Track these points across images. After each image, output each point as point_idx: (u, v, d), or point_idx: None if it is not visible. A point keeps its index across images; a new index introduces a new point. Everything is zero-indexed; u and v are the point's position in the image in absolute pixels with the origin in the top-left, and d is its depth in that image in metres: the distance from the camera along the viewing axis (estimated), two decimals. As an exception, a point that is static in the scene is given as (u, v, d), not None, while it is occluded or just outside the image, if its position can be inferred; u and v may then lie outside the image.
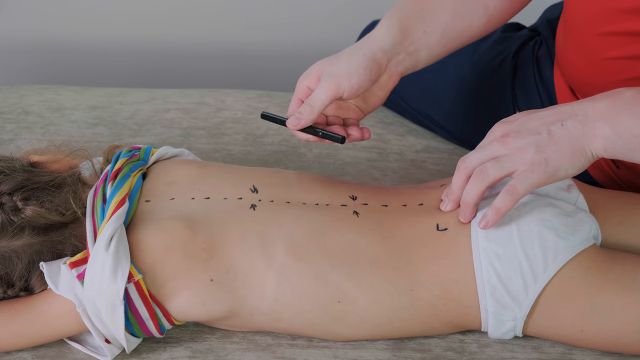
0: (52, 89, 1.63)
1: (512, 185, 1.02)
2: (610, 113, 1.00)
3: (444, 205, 1.10)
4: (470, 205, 1.06)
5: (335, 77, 1.13)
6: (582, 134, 1.01)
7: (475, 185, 1.04)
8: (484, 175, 1.04)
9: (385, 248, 1.07)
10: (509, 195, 1.02)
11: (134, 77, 2.20)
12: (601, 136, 1.00)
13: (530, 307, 1.05)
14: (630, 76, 1.14)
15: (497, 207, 1.03)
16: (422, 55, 1.20)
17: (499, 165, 1.03)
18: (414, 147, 1.50)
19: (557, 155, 1.01)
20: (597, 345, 1.08)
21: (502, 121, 1.06)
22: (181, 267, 1.05)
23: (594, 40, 1.16)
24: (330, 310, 1.06)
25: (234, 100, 1.60)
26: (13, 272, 1.06)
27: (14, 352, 1.09)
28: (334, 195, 1.14)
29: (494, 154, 1.04)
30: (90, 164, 1.18)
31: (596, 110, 1.01)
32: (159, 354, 1.10)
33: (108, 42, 2.20)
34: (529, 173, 1.01)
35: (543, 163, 1.01)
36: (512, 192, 1.02)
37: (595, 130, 1.01)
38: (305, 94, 1.16)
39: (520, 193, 1.02)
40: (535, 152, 1.01)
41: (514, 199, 1.02)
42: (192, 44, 2.21)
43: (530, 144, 1.02)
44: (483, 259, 1.05)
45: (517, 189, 1.02)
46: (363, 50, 1.15)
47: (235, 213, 1.09)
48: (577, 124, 1.01)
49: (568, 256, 1.05)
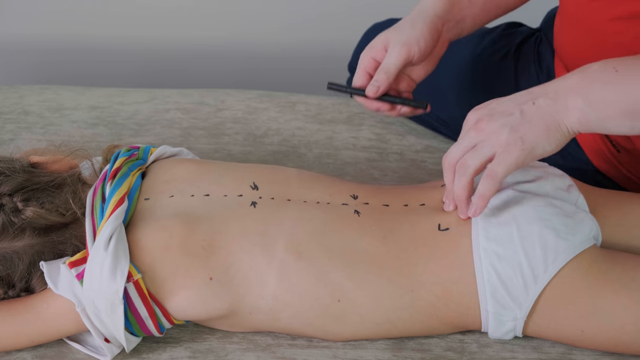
0: (52, 89, 1.63)
1: (491, 169, 1.03)
2: (581, 86, 1.01)
3: (446, 206, 1.11)
4: (462, 201, 1.07)
5: (405, 42, 1.17)
6: (555, 109, 1.02)
7: (460, 179, 1.05)
8: (465, 168, 1.05)
9: (386, 247, 1.07)
10: (489, 179, 1.03)
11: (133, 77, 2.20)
12: (574, 109, 1.01)
13: (531, 308, 1.05)
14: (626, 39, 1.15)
15: (481, 193, 1.04)
16: (467, 24, 1.26)
17: (477, 154, 1.04)
18: (414, 147, 1.50)
19: (532, 133, 1.01)
20: (597, 346, 1.08)
21: (475, 108, 1.07)
22: (180, 266, 1.05)
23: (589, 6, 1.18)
24: (330, 309, 1.06)
25: (234, 100, 1.60)
26: (14, 273, 1.06)
27: (14, 352, 1.09)
28: (335, 193, 1.14)
29: (471, 143, 1.05)
30: (90, 163, 1.18)
31: (566, 85, 1.02)
32: (158, 354, 1.10)
33: (108, 42, 2.20)
34: (506, 154, 1.02)
35: (519, 142, 1.01)
36: (491, 175, 1.03)
37: (568, 104, 1.01)
38: (372, 65, 1.20)
39: (499, 175, 1.02)
40: (510, 132, 1.02)
41: (495, 182, 1.03)
42: (192, 44, 2.20)
43: (504, 125, 1.02)
44: (484, 259, 1.05)
45: (496, 172, 1.02)
46: (422, 17, 1.20)
47: (236, 210, 1.09)
48: (549, 100, 1.02)
49: (568, 257, 1.05)
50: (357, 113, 1.57)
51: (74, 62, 2.20)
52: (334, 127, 1.53)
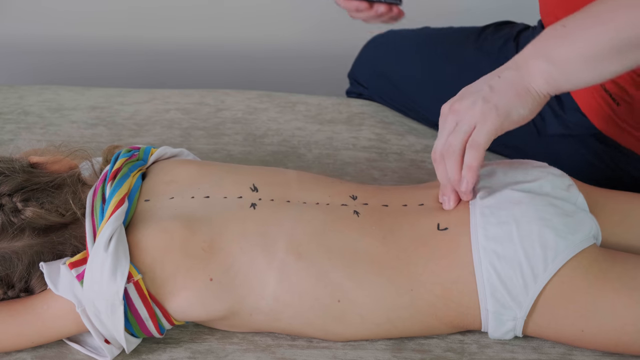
0: (52, 89, 1.63)
1: (472, 139, 1.05)
2: (537, 49, 1.05)
3: (446, 204, 1.11)
4: (455, 184, 1.08)
5: None
6: (520, 76, 1.05)
7: (451, 163, 1.07)
8: (452, 149, 1.06)
9: (386, 247, 1.07)
10: (473, 150, 1.05)
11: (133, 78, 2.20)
12: (538, 71, 1.04)
13: (531, 307, 1.05)
14: None
15: (468, 165, 1.06)
16: None
17: (458, 132, 1.06)
18: (414, 147, 1.50)
19: (504, 100, 1.05)
20: (597, 346, 1.08)
21: (446, 102, 1.10)
22: (181, 267, 1.05)
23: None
24: (330, 309, 1.06)
25: (234, 101, 1.60)
26: (13, 273, 1.06)
27: (14, 353, 1.09)
28: (335, 194, 1.14)
29: (451, 126, 1.07)
30: (90, 164, 1.18)
31: (525, 54, 1.06)
32: (158, 354, 1.10)
33: (108, 42, 2.20)
34: (483, 123, 1.04)
35: (493, 109, 1.04)
36: (474, 145, 1.05)
37: (530, 69, 1.05)
38: None
39: (481, 143, 1.05)
40: (483, 103, 1.05)
41: (479, 151, 1.05)
42: (192, 44, 2.20)
43: (475, 100, 1.05)
44: (483, 258, 1.05)
45: (478, 141, 1.05)
46: None
47: (236, 212, 1.09)
48: (512, 71, 1.06)
49: (568, 256, 1.05)
50: (357, 113, 1.57)
51: (74, 63, 2.20)
52: (334, 127, 1.53)
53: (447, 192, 1.10)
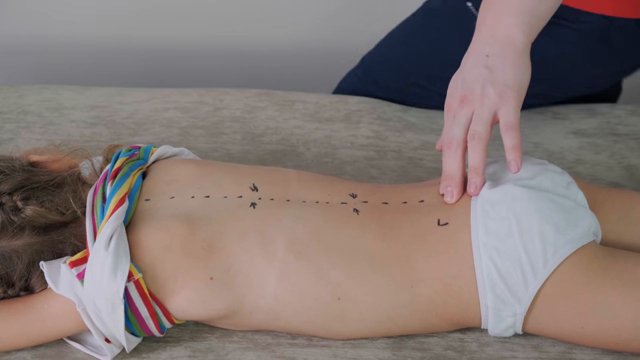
0: (51, 88, 1.63)
1: (506, 121, 1.07)
2: (498, 12, 1.10)
3: (450, 197, 1.10)
4: (480, 171, 1.09)
5: None
6: (503, 45, 1.09)
7: (476, 149, 1.07)
8: (478, 136, 1.07)
9: (386, 245, 1.08)
10: (512, 130, 1.07)
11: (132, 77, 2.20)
12: (512, 30, 1.10)
13: (530, 303, 1.05)
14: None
15: (513, 146, 1.07)
16: None
17: (481, 119, 1.07)
18: (412, 144, 1.50)
19: (509, 74, 1.08)
20: (597, 343, 1.08)
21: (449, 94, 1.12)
22: (181, 266, 1.05)
23: None
24: (331, 308, 1.07)
25: (233, 99, 1.60)
26: (13, 271, 1.06)
27: (14, 352, 1.09)
28: (334, 193, 1.14)
29: (467, 116, 1.08)
30: (89, 163, 1.18)
31: (490, 24, 1.11)
32: (158, 353, 1.10)
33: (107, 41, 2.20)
34: (506, 104, 1.07)
35: (507, 88, 1.07)
36: (511, 125, 1.07)
37: (506, 32, 1.10)
38: None
39: (516, 122, 1.08)
40: (492, 86, 1.07)
41: (517, 130, 1.07)
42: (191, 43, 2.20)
43: (484, 85, 1.08)
44: (483, 253, 1.05)
45: (512, 121, 1.07)
46: None
47: (235, 211, 1.10)
48: (492, 45, 1.10)
49: (568, 251, 1.05)
50: (355, 111, 1.57)
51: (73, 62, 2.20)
52: (332, 125, 1.53)
53: (452, 184, 1.10)
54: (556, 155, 1.47)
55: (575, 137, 1.51)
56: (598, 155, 1.47)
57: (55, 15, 2.16)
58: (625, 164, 1.45)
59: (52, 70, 2.22)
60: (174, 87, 1.69)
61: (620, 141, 1.50)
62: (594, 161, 1.45)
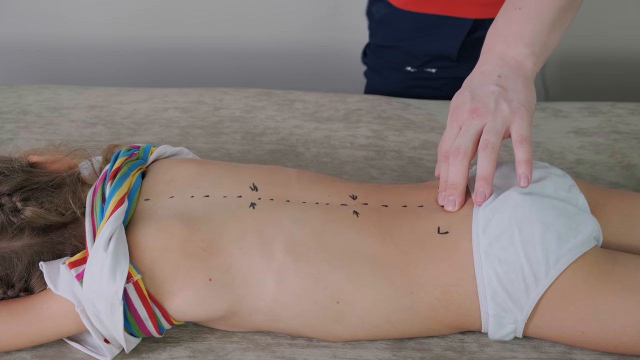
0: (51, 88, 1.63)
1: (520, 135, 1.08)
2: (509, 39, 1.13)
3: (452, 206, 1.09)
4: (490, 181, 1.08)
5: None
6: (515, 70, 1.11)
7: (489, 160, 1.07)
8: (491, 146, 1.07)
9: (385, 249, 1.07)
10: (525, 144, 1.08)
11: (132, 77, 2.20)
12: (524, 58, 1.12)
13: (531, 311, 1.05)
14: None
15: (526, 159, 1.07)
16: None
17: (495, 131, 1.07)
18: (412, 143, 1.49)
19: (522, 95, 1.10)
20: (598, 347, 1.08)
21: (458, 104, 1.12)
22: (180, 267, 1.05)
23: None
24: (329, 311, 1.06)
25: (232, 99, 1.60)
26: (13, 273, 1.06)
27: (14, 352, 1.09)
28: (334, 194, 1.13)
29: (478, 128, 1.08)
30: (89, 163, 1.18)
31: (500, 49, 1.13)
32: (158, 353, 1.10)
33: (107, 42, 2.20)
34: (520, 119, 1.08)
35: (520, 106, 1.09)
36: (525, 139, 1.08)
37: (518, 59, 1.12)
38: None
39: (529, 136, 1.09)
40: (507, 103, 1.09)
41: (530, 144, 1.08)
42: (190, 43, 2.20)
43: (498, 100, 1.09)
44: (484, 261, 1.05)
45: (525, 135, 1.08)
46: None
47: (235, 211, 1.09)
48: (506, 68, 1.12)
49: (570, 259, 1.04)
50: (354, 110, 1.57)
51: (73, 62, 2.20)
52: (332, 125, 1.53)
53: (456, 193, 1.08)
54: (556, 155, 1.47)
55: (576, 137, 1.51)
56: (598, 155, 1.46)
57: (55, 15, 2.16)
58: (625, 163, 1.44)
59: (52, 70, 2.22)
60: (174, 87, 1.69)
61: (621, 140, 1.50)
62: (594, 161, 1.45)
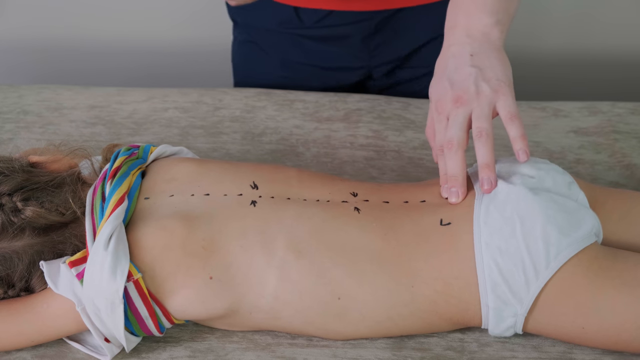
0: (51, 88, 1.63)
1: (508, 112, 1.07)
2: (471, 12, 1.12)
3: (455, 198, 1.09)
4: (493, 167, 1.08)
5: None
6: (484, 44, 1.10)
7: (487, 146, 1.06)
8: (486, 132, 1.07)
9: (387, 244, 1.07)
10: (516, 120, 1.07)
11: (132, 77, 2.20)
12: (490, 29, 1.11)
13: (531, 304, 1.05)
14: None
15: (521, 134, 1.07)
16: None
17: (483, 116, 1.07)
18: (412, 143, 1.49)
19: (498, 70, 1.09)
20: (597, 343, 1.08)
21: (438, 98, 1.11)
22: (181, 265, 1.05)
23: None
24: (331, 307, 1.06)
25: (232, 99, 1.60)
26: (14, 272, 1.06)
27: (14, 352, 1.09)
28: (335, 191, 1.14)
29: (466, 116, 1.08)
30: (89, 163, 1.18)
31: (466, 25, 1.12)
32: (158, 353, 1.10)
33: (107, 42, 2.20)
34: (503, 97, 1.07)
35: (500, 83, 1.08)
36: (514, 115, 1.07)
37: (485, 32, 1.11)
38: None
39: (517, 111, 1.08)
40: (486, 83, 1.08)
41: (520, 120, 1.07)
42: (190, 43, 2.20)
43: (477, 83, 1.08)
44: (485, 253, 1.05)
45: (513, 111, 1.07)
46: None
47: (236, 209, 1.09)
48: (472, 43, 1.11)
49: (570, 253, 1.05)
50: (354, 110, 1.57)
51: (73, 62, 2.20)
52: (332, 125, 1.53)
53: (457, 185, 1.09)
54: (557, 154, 1.47)
55: (576, 136, 1.51)
56: (598, 155, 1.47)
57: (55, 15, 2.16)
58: (626, 162, 1.44)
59: (52, 70, 2.22)
60: (174, 87, 1.69)
61: (621, 140, 1.50)
62: (594, 161, 1.45)
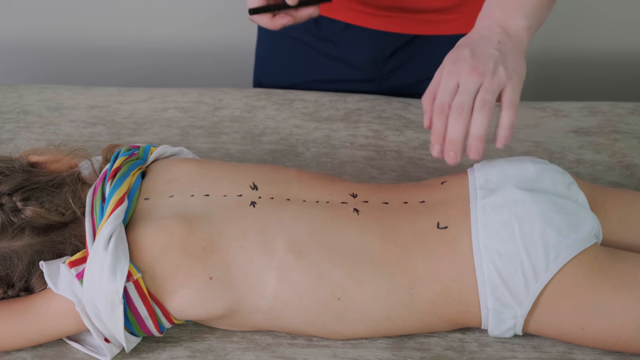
0: (51, 88, 1.63)
1: (510, 99, 1.07)
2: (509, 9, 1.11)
3: (452, 160, 1.06)
4: (484, 139, 1.06)
5: None
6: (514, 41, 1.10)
7: (483, 116, 1.05)
8: (488, 104, 1.05)
9: (386, 245, 1.07)
10: (513, 109, 1.06)
11: (132, 77, 2.20)
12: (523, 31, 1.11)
13: (531, 306, 1.05)
14: None
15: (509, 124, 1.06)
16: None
17: (489, 90, 1.06)
18: (412, 143, 1.49)
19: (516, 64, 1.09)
20: (597, 344, 1.08)
21: (455, 60, 1.09)
22: (181, 265, 1.05)
23: None
24: (330, 307, 1.06)
25: (232, 99, 1.60)
26: (13, 272, 1.06)
27: (14, 352, 1.09)
28: (334, 192, 1.14)
29: (477, 86, 1.06)
30: (89, 163, 1.18)
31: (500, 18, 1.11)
32: (158, 353, 1.10)
33: (107, 42, 2.20)
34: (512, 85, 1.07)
35: (514, 74, 1.08)
36: (513, 104, 1.06)
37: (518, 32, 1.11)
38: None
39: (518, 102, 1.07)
40: (504, 69, 1.07)
41: (516, 110, 1.07)
42: (190, 43, 2.20)
43: (497, 64, 1.07)
44: (484, 256, 1.05)
45: (515, 100, 1.07)
46: None
47: (235, 210, 1.09)
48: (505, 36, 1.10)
49: (570, 255, 1.05)
50: (354, 110, 1.57)
51: (73, 62, 2.20)
52: (331, 125, 1.53)
53: (456, 149, 1.05)
54: (556, 154, 1.47)
55: (576, 136, 1.51)
56: (598, 155, 1.46)
57: (55, 15, 2.16)
58: (626, 162, 1.44)
59: (52, 71, 2.22)
60: (174, 87, 1.69)
61: (621, 140, 1.50)
62: (594, 161, 1.45)
